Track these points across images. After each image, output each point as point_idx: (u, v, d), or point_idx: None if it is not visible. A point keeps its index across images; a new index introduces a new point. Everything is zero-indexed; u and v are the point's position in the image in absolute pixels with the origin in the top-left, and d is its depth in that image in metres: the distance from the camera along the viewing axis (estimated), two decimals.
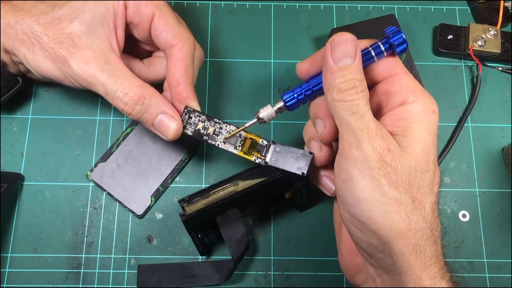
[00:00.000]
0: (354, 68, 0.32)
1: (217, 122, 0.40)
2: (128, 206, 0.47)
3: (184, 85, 0.41)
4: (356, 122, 0.32)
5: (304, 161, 0.38)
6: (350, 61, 0.32)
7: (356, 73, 0.32)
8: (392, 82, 0.35)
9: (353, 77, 0.32)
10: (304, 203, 0.46)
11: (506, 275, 0.48)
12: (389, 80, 0.35)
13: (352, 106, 0.32)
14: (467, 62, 0.55)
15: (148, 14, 0.41)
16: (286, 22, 0.55)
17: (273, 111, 0.38)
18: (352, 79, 0.32)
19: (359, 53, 0.33)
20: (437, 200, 0.34)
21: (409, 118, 0.33)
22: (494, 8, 0.55)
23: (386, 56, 0.35)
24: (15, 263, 0.46)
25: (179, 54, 0.41)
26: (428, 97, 0.34)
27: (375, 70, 0.35)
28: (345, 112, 0.32)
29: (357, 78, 0.32)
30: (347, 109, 0.32)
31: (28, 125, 0.50)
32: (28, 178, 0.48)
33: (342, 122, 0.32)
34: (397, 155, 0.32)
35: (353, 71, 0.32)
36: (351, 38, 0.32)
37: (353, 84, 0.32)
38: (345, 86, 0.32)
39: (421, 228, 0.32)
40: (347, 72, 0.32)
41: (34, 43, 0.39)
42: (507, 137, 0.52)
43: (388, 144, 0.32)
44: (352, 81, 0.32)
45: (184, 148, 0.49)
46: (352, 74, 0.32)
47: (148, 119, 0.40)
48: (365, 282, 0.37)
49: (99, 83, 0.38)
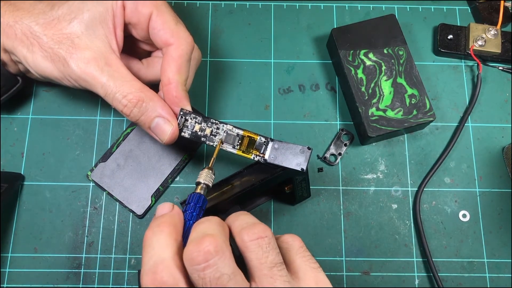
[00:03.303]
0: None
1: (213, 122, 0.40)
2: (128, 206, 0.47)
3: (175, 84, 0.41)
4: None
5: (302, 156, 0.39)
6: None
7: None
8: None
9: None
10: (304, 196, 0.47)
11: (506, 275, 0.48)
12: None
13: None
14: (468, 62, 0.55)
15: (146, 13, 0.41)
16: (286, 22, 0.55)
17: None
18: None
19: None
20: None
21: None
22: (494, 8, 0.55)
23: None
24: (16, 263, 0.46)
25: (175, 53, 0.41)
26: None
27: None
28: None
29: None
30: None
31: (29, 125, 0.50)
32: (28, 178, 0.48)
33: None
34: None
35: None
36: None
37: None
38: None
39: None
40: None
41: (33, 43, 0.39)
42: (508, 137, 0.52)
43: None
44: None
45: (184, 148, 0.49)
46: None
47: (145, 121, 0.40)
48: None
49: (99, 84, 0.38)
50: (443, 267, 0.48)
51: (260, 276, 0.30)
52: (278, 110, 0.52)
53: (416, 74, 0.50)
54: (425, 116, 0.48)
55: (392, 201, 0.49)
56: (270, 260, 0.30)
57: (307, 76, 0.53)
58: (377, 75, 0.49)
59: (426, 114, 0.48)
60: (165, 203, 0.34)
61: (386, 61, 0.50)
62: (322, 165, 0.50)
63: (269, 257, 0.31)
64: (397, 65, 0.50)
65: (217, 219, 0.32)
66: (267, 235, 0.31)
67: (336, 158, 0.50)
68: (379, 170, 0.50)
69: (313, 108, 0.52)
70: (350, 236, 0.48)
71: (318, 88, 0.53)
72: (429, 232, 0.49)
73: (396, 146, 0.51)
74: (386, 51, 0.50)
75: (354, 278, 0.47)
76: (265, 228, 0.31)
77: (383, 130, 0.48)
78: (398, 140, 0.51)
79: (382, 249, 0.48)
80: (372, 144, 0.51)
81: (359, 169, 0.50)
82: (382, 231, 0.48)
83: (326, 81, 0.53)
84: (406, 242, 0.48)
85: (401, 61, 0.50)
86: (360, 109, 0.48)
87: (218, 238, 0.29)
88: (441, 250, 0.48)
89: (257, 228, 0.31)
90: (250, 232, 0.31)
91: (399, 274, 0.47)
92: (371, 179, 0.50)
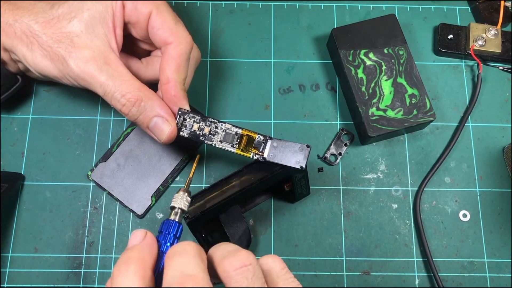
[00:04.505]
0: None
1: (212, 121, 0.40)
2: (129, 206, 0.47)
3: (173, 83, 0.40)
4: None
5: (301, 154, 0.39)
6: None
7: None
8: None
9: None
10: (303, 193, 0.47)
11: (506, 275, 0.48)
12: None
13: None
14: (468, 61, 0.55)
15: (146, 13, 0.41)
16: (286, 22, 0.55)
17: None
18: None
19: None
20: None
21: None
22: (495, 7, 0.55)
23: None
24: (16, 263, 0.46)
25: (174, 52, 0.41)
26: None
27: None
28: None
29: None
30: None
31: (29, 125, 0.50)
32: (28, 178, 0.48)
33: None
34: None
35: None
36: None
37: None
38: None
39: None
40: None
41: (33, 42, 0.39)
42: (508, 136, 0.52)
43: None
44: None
45: (184, 148, 0.49)
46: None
47: (143, 121, 0.40)
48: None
49: (98, 83, 0.38)
50: (443, 267, 0.48)
51: None
52: (278, 110, 0.52)
53: (416, 74, 0.50)
54: (425, 116, 0.48)
55: (392, 201, 0.49)
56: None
57: (307, 76, 0.53)
58: (377, 75, 0.49)
59: (426, 114, 0.48)
60: (137, 231, 0.31)
61: (386, 61, 0.50)
62: (322, 165, 0.50)
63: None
64: (397, 65, 0.50)
65: (194, 247, 0.29)
66: (250, 262, 0.29)
67: (336, 158, 0.50)
68: (379, 170, 0.50)
69: (313, 108, 0.52)
70: (350, 236, 0.48)
71: (318, 88, 0.53)
72: (429, 232, 0.49)
73: (396, 146, 0.51)
74: (386, 51, 0.50)
75: (354, 278, 0.47)
76: (248, 255, 0.29)
77: (383, 130, 0.48)
78: (398, 140, 0.51)
79: (382, 249, 0.48)
80: (372, 144, 0.51)
81: (359, 169, 0.50)
82: (382, 231, 0.48)
83: (326, 81, 0.53)
84: (406, 242, 0.48)
85: (401, 61, 0.50)
86: (360, 109, 0.48)
87: (200, 279, 0.27)
88: (441, 250, 0.48)
89: (239, 255, 0.29)
90: (233, 260, 0.29)
91: (399, 274, 0.47)
92: (371, 179, 0.50)
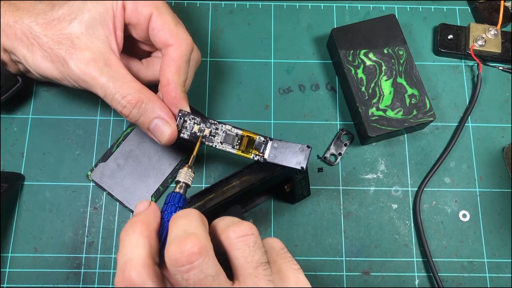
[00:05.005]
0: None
1: (212, 123, 0.40)
2: (129, 206, 0.47)
3: (174, 85, 0.40)
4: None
5: (302, 155, 0.39)
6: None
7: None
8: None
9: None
10: (304, 194, 0.47)
11: (506, 275, 0.48)
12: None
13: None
14: (468, 62, 0.55)
15: (146, 14, 0.41)
16: (286, 22, 0.55)
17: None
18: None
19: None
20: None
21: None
22: (495, 8, 0.55)
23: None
24: (16, 263, 0.46)
25: (174, 54, 0.41)
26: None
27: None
28: None
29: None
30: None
31: (29, 125, 0.50)
32: (28, 178, 0.48)
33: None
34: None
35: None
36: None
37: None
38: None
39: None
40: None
41: (33, 43, 0.39)
42: (508, 137, 0.52)
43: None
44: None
45: (184, 148, 0.49)
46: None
47: (144, 123, 0.40)
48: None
49: (98, 85, 0.38)
50: (443, 267, 0.48)
51: (244, 275, 0.30)
52: (278, 110, 0.52)
53: (416, 74, 0.50)
54: (425, 116, 0.48)
55: (392, 201, 0.49)
56: (256, 259, 0.30)
57: (307, 76, 0.53)
58: (377, 75, 0.49)
59: (426, 114, 0.48)
60: (142, 201, 0.33)
61: (386, 61, 0.50)
62: (322, 165, 0.50)
63: (255, 256, 0.30)
64: (397, 65, 0.50)
65: (197, 212, 0.31)
66: (253, 233, 0.31)
67: (336, 158, 0.50)
68: (379, 170, 0.50)
69: (313, 108, 0.52)
70: (350, 236, 0.48)
71: (318, 88, 0.53)
72: (429, 232, 0.49)
73: (396, 146, 0.51)
74: (386, 51, 0.50)
75: (354, 278, 0.47)
76: (251, 226, 0.31)
77: (383, 130, 0.48)
78: (398, 140, 0.51)
79: (382, 249, 0.48)
80: (372, 144, 0.51)
81: (359, 169, 0.50)
82: (382, 231, 0.48)
83: (326, 81, 0.53)
84: (406, 242, 0.48)
85: (401, 61, 0.50)
86: (360, 109, 0.48)
87: (202, 237, 0.29)
88: (441, 250, 0.48)
89: (243, 225, 0.31)
90: (236, 229, 0.30)
91: (399, 274, 0.47)
92: (371, 179, 0.50)
